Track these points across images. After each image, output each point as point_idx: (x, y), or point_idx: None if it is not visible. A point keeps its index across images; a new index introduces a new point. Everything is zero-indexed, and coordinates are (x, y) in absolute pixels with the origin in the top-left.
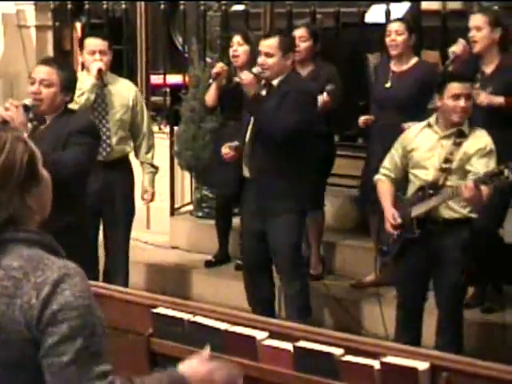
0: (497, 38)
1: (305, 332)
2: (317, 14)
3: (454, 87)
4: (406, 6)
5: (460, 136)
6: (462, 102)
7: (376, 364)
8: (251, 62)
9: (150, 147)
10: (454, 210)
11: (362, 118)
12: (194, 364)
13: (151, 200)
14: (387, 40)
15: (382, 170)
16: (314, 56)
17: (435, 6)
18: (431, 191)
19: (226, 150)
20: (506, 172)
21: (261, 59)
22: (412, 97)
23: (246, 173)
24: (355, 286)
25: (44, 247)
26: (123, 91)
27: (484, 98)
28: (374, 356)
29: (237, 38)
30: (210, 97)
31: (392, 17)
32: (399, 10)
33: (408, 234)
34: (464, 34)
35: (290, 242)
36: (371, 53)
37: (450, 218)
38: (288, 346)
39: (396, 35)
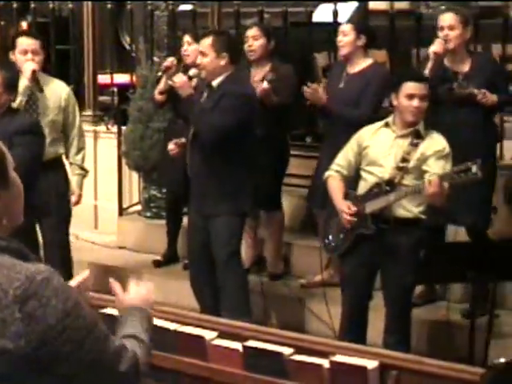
0: (468, 37)
1: (254, 331)
2: (264, 14)
3: (409, 87)
4: (354, 5)
5: (417, 137)
6: (415, 102)
7: (325, 363)
8: None
9: (81, 149)
10: (406, 209)
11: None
12: (136, 293)
13: (78, 202)
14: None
15: (333, 167)
16: (270, 55)
17: (382, 5)
18: (387, 188)
19: (171, 146)
20: (474, 168)
21: (198, 59)
22: (362, 98)
23: (190, 173)
24: (306, 285)
25: (13, 253)
26: (56, 92)
27: (489, 97)
28: (324, 355)
29: (186, 38)
30: (158, 91)
31: (340, 16)
32: (347, 9)
33: (363, 230)
34: (411, 34)
35: (226, 243)
36: (319, 52)
37: (402, 217)
38: (237, 345)
39: (343, 36)
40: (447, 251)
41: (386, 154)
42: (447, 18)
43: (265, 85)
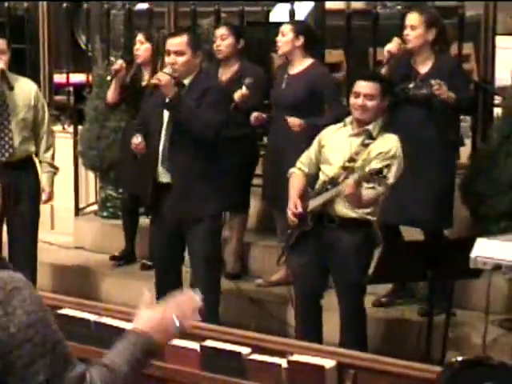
0: (431, 38)
1: (212, 331)
2: (221, 13)
3: (357, 85)
4: (311, 5)
5: (369, 137)
6: (360, 100)
7: (283, 362)
8: (153, 59)
9: (50, 147)
10: (351, 209)
11: (255, 114)
12: (145, 316)
13: (48, 200)
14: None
15: (297, 164)
16: (239, 54)
17: (339, 5)
18: (329, 186)
19: (137, 139)
20: (385, 171)
21: (170, 59)
22: (302, 99)
23: (164, 178)
24: (263, 285)
25: None
26: (25, 90)
27: (444, 91)
28: (282, 354)
29: (139, 37)
30: (111, 94)
31: (296, 16)
32: (303, 9)
33: (303, 227)
34: (368, 33)
35: (208, 246)
36: (276, 52)
37: (347, 216)
38: (195, 345)
39: (281, 36)
40: (405, 250)
41: (337, 152)
42: (410, 18)
43: (244, 90)
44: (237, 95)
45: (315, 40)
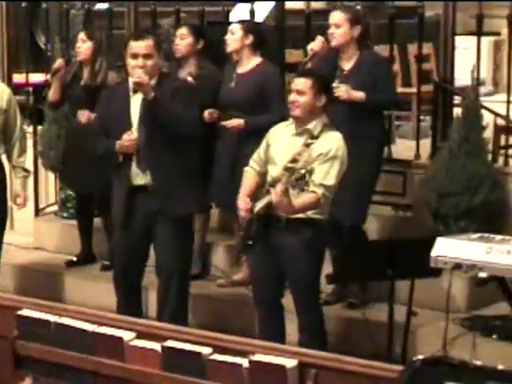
0: (355, 36)
1: (173, 332)
2: (181, 13)
3: (292, 82)
4: (271, 5)
5: (312, 137)
6: (291, 96)
7: (244, 362)
8: (94, 58)
9: (23, 151)
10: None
11: (208, 111)
12: None
13: (24, 205)
14: None
15: (250, 162)
16: (198, 54)
17: (299, 5)
18: (271, 188)
19: (132, 135)
20: (307, 177)
21: (138, 62)
22: (251, 98)
23: (139, 180)
24: (224, 284)
25: None
26: None
27: (344, 92)
28: (243, 354)
29: (81, 35)
30: (52, 93)
31: (257, 16)
32: (263, 9)
33: (252, 228)
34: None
35: (183, 245)
36: None
37: (293, 217)
38: (156, 346)
39: (230, 34)
40: (365, 249)
41: (281, 152)
42: (334, 16)
43: (188, 79)
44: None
45: (264, 39)
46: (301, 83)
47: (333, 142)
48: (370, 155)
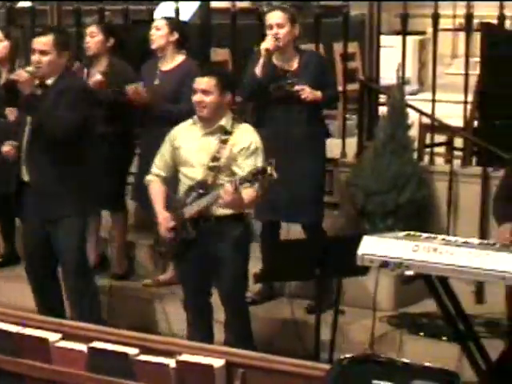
0: (296, 35)
1: (99, 332)
2: (105, 12)
3: (195, 81)
4: (196, 4)
5: (224, 133)
6: (196, 97)
7: (171, 362)
8: (12, 57)
9: None
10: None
11: (131, 86)
12: None
13: None
14: None
15: (153, 170)
16: (109, 52)
17: (225, 4)
18: (201, 190)
19: (7, 147)
20: (269, 169)
21: (35, 57)
22: (177, 95)
23: (26, 176)
24: (150, 285)
25: None
26: None
27: (309, 93)
28: (170, 354)
29: None
30: None
31: (182, 15)
32: (189, 7)
33: (185, 235)
34: (253, 32)
35: (71, 246)
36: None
37: (222, 215)
38: (82, 347)
39: (156, 30)
40: (293, 248)
41: (196, 153)
42: (276, 16)
43: (98, 76)
44: (91, 82)
45: (187, 38)
46: (204, 83)
47: (250, 134)
48: (323, 154)
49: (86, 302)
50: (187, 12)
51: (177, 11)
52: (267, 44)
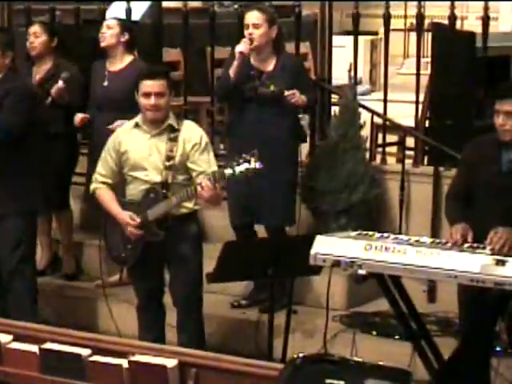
0: (273, 36)
1: (51, 334)
2: (56, 11)
3: (145, 85)
4: (147, 3)
5: (172, 131)
6: (152, 100)
7: (124, 363)
8: None
9: None
10: (181, 205)
11: (79, 116)
12: None
13: None
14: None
15: (98, 177)
16: (53, 52)
17: (176, 4)
18: (164, 191)
19: None
20: (253, 160)
21: None
22: (127, 96)
23: None
24: (101, 285)
25: None
26: None
27: (299, 97)
28: (122, 355)
29: None
30: None
31: (133, 14)
32: (140, 7)
33: (151, 238)
34: (205, 32)
35: (14, 247)
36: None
37: (179, 214)
38: (34, 348)
39: (106, 29)
40: (246, 248)
41: (147, 155)
42: (252, 16)
43: (60, 84)
44: (53, 90)
45: (135, 38)
46: (158, 85)
47: (197, 130)
48: (295, 155)
49: (23, 302)
50: (138, 12)
51: (128, 11)
52: (241, 47)
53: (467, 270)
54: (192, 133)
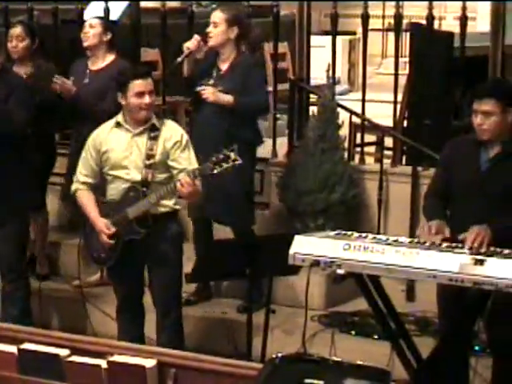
0: (233, 36)
1: (29, 334)
2: (34, 11)
3: (137, 85)
4: (125, 3)
5: (153, 130)
6: (146, 99)
7: (103, 363)
8: None
9: None
10: (161, 204)
11: (60, 79)
12: None
13: None
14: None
15: (79, 178)
16: (33, 54)
17: (155, 4)
18: (144, 189)
19: None
20: (233, 155)
21: None
22: (106, 94)
23: None
24: (80, 286)
25: None
26: None
27: (210, 94)
28: (101, 355)
29: None
30: None
31: (111, 14)
32: (118, 7)
33: (132, 236)
34: (183, 32)
35: (11, 247)
36: None
37: (158, 212)
38: (12, 348)
39: (89, 28)
40: (223, 248)
41: (127, 154)
42: (214, 15)
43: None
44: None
45: (116, 38)
46: (150, 84)
47: (177, 128)
48: (246, 155)
49: (18, 304)
50: (116, 11)
51: (106, 11)
52: (189, 43)
53: (446, 270)
54: (173, 131)
